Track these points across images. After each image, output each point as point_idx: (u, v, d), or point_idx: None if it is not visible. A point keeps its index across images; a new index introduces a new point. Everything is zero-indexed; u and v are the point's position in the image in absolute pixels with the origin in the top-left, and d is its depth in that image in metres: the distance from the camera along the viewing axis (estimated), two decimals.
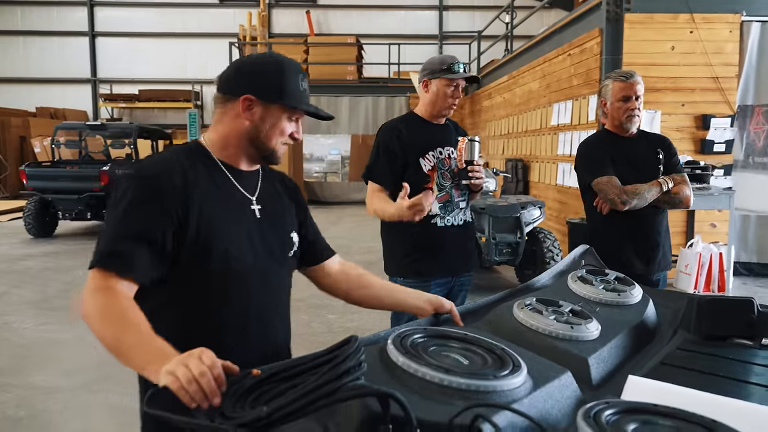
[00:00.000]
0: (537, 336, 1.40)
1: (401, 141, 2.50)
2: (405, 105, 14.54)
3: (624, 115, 2.73)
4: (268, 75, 1.43)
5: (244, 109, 1.41)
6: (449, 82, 2.48)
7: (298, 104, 1.44)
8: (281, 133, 1.45)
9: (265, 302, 1.48)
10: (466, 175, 2.46)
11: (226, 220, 1.41)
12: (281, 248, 1.53)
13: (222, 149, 1.47)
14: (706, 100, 6.05)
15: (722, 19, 5.99)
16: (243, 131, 1.44)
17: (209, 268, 1.37)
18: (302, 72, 1.49)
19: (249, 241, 1.44)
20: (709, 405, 1.06)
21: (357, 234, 9.62)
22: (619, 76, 2.75)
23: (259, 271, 1.46)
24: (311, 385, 0.87)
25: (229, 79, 1.46)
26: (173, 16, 17.81)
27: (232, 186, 1.46)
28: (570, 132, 6.97)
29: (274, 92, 1.42)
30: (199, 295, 1.38)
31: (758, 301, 1.60)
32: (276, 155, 1.49)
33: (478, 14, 17.47)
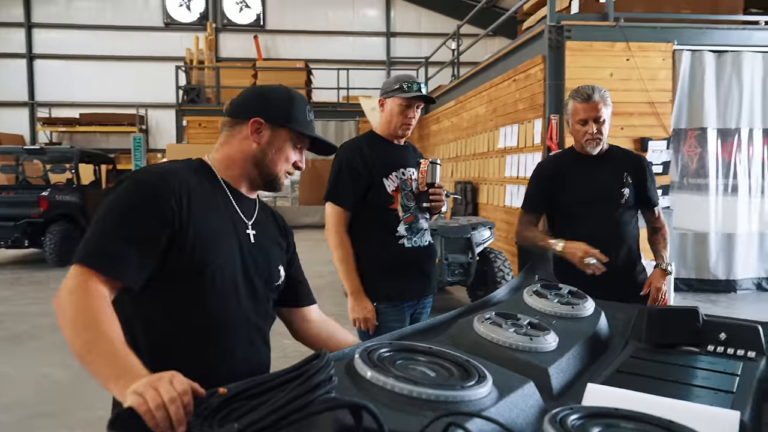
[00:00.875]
0: (498, 348, 1.43)
1: (364, 160, 2.45)
2: (354, 129, 14.66)
3: (583, 138, 2.54)
4: (278, 101, 1.48)
5: (252, 131, 1.45)
6: (402, 101, 2.45)
7: (304, 129, 1.50)
8: (286, 159, 1.50)
9: (253, 322, 1.47)
10: (427, 198, 2.46)
11: (222, 236, 1.41)
12: (270, 276, 1.53)
13: (225, 169, 1.49)
14: (643, 123, 6.35)
15: (656, 48, 6.34)
16: (250, 154, 1.47)
17: (202, 281, 1.35)
18: (309, 104, 1.55)
19: (242, 261, 1.44)
20: (663, 408, 1.11)
21: (309, 258, 9.51)
22: (577, 96, 2.53)
23: (250, 291, 1.45)
24: (283, 400, 0.87)
25: (240, 103, 1.51)
26: (116, 39, 17.46)
27: (232, 206, 1.47)
28: (516, 155, 7.17)
29: (283, 117, 1.47)
30: (187, 308, 1.36)
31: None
32: (279, 181, 1.52)
33: (425, 41, 17.88)
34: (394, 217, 2.47)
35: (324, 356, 0.97)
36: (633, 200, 2.59)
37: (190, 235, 1.33)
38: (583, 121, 2.52)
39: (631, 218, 2.64)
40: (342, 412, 0.91)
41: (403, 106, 2.46)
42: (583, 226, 2.55)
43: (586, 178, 2.58)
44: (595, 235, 2.48)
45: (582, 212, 2.57)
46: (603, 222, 2.56)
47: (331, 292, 7.08)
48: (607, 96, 2.53)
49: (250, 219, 1.51)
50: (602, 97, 2.51)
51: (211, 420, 0.93)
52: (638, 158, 2.71)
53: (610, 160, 2.61)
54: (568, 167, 2.64)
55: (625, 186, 2.57)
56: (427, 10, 18.11)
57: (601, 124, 2.52)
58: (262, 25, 17.88)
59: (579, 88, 2.55)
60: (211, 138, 13.97)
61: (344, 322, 5.84)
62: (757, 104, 6.60)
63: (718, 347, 1.60)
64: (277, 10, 17.92)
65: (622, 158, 2.64)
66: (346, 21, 18.10)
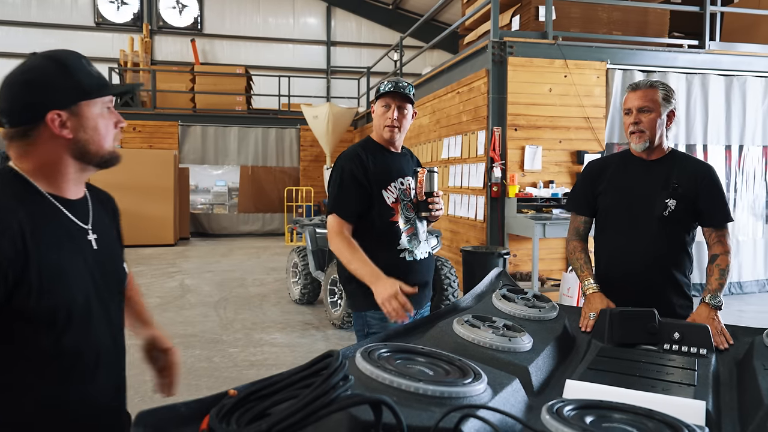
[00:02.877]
0: (478, 349, 1.50)
1: (366, 170, 2.36)
2: (296, 137, 14.58)
3: (627, 132, 2.28)
4: (55, 80, 1.26)
5: (56, 127, 1.25)
6: (381, 101, 2.41)
7: (103, 91, 1.31)
8: (107, 129, 1.33)
9: (112, 337, 1.40)
10: (426, 207, 2.40)
11: (67, 261, 1.27)
12: (118, 280, 1.45)
13: (45, 180, 1.29)
14: (579, 137, 6.68)
15: (591, 66, 6.69)
16: (66, 151, 1.29)
17: (55, 314, 1.24)
18: (83, 57, 1.33)
19: (91, 277, 1.33)
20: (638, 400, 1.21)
21: (249, 266, 9.41)
22: (629, 86, 2.31)
23: (103, 307, 1.37)
24: (308, 398, 0.90)
25: (12, 107, 1.25)
26: (43, 37, 16.63)
27: (66, 219, 1.31)
28: (460, 165, 7.36)
29: (74, 93, 1.27)
30: (47, 343, 1.25)
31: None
32: (115, 155, 1.37)
33: (365, 51, 18.02)
34: (396, 230, 2.41)
35: (339, 356, 1.01)
36: (683, 214, 2.21)
37: (35, 278, 1.20)
38: (627, 111, 2.26)
39: (680, 236, 2.26)
40: (358, 410, 0.95)
41: (382, 107, 2.41)
42: (616, 236, 2.31)
43: (628, 182, 2.30)
44: (625, 249, 2.26)
45: (616, 220, 2.31)
46: (637, 234, 2.25)
47: (276, 299, 7.02)
48: (662, 88, 2.23)
49: (87, 223, 1.37)
50: (653, 87, 2.23)
51: (228, 420, 0.95)
52: (702, 167, 2.28)
53: (663, 166, 2.27)
54: (614, 168, 2.36)
55: (671, 196, 2.21)
56: (368, 21, 18.27)
57: (643, 114, 2.21)
58: (200, 28, 17.49)
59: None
60: (145, 142, 13.55)
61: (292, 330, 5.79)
62: (681, 121, 7.06)
63: (673, 345, 1.74)
64: (215, 14, 17.59)
65: (680, 165, 2.26)
66: (287, 28, 18.00)
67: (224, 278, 8.32)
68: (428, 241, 2.56)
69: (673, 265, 2.26)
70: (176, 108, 14.07)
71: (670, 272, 2.25)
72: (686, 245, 2.28)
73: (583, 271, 2.31)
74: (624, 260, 2.28)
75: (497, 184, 6.46)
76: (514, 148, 6.53)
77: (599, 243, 2.40)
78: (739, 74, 7.17)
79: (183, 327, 5.64)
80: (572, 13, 7.17)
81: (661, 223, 2.23)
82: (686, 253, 2.28)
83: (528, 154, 6.54)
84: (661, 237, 2.24)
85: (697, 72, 7.05)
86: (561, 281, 6.07)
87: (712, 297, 2.09)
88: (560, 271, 6.43)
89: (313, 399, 0.89)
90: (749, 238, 7.41)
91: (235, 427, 0.92)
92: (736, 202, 7.35)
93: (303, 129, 14.26)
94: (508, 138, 6.50)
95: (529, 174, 6.58)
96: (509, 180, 6.45)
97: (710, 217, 2.25)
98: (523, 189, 6.47)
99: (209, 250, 11.67)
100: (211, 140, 14.19)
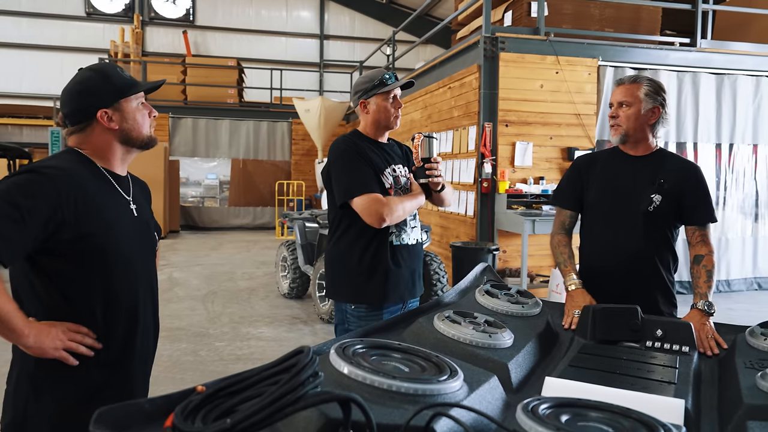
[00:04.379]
0: (458, 345, 1.48)
1: (364, 155, 2.37)
2: (287, 130, 14.51)
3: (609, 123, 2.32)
4: (99, 86, 1.63)
5: (105, 122, 1.62)
6: (386, 95, 2.42)
7: (136, 89, 1.67)
8: (143, 119, 1.69)
9: (149, 287, 1.74)
10: (423, 173, 2.37)
11: (115, 216, 1.62)
12: (153, 242, 1.81)
13: (100, 159, 1.66)
14: (570, 134, 6.67)
15: (582, 62, 6.68)
16: (114, 138, 1.66)
17: (103, 258, 1.56)
18: (116, 65, 1.74)
19: (135, 233, 1.68)
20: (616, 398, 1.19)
21: (239, 260, 9.37)
22: (617, 79, 2.33)
23: (143, 259, 1.72)
24: (275, 395, 0.87)
25: (73, 110, 1.63)
26: (33, 27, 16.45)
27: (115, 190, 1.67)
28: (451, 161, 7.34)
29: (114, 94, 1.63)
30: (92, 282, 1.56)
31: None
32: (153, 138, 1.73)
33: (358, 45, 17.96)
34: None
35: (309, 352, 0.98)
36: (667, 211, 2.21)
37: (87, 226, 1.52)
38: (610, 105, 2.30)
39: (664, 232, 2.25)
40: (327, 407, 0.93)
41: (390, 98, 2.44)
42: (601, 231, 2.30)
43: (614, 177, 2.29)
44: (609, 243, 2.26)
45: (601, 214, 2.31)
46: (622, 229, 2.24)
47: (264, 292, 6.98)
48: (647, 84, 2.23)
49: (129, 195, 1.72)
50: (635, 82, 2.24)
51: (194, 417, 0.92)
52: (688, 166, 2.29)
53: (650, 163, 2.27)
54: (602, 163, 2.36)
55: (657, 192, 2.21)
56: (361, 15, 18.21)
57: (622, 108, 2.24)
58: (192, 20, 17.36)
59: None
60: None
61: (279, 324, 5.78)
62: (671, 119, 7.06)
63: (655, 343, 1.72)
64: (208, 6, 17.46)
65: (667, 162, 2.27)
66: (280, 21, 17.90)
67: (213, 272, 8.28)
68: (417, 228, 2.53)
69: (657, 261, 2.23)
70: (167, 100, 13.94)
71: (654, 268, 2.23)
72: (670, 242, 2.26)
73: (567, 266, 2.29)
74: (608, 255, 2.26)
75: (488, 179, 6.45)
76: (504, 143, 6.52)
77: (584, 237, 2.39)
78: (730, 72, 7.18)
79: (170, 320, 5.60)
80: (564, 9, 7.15)
81: (646, 218, 2.21)
82: (670, 250, 2.27)
83: (519, 150, 6.52)
84: (645, 232, 2.21)
85: (688, 70, 7.05)
86: (550, 277, 6.07)
87: (705, 303, 2.03)
88: (549, 267, 6.43)
89: (280, 396, 0.87)
90: (738, 236, 7.44)
91: (201, 425, 0.90)
92: (726, 200, 7.38)
93: (295, 123, 14.20)
94: (499, 134, 6.48)
95: (519, 170, 6.57)
96: (499, 176, 6.44)
97: (694, 216, 2.23)
98: (513, 185, 6.46)
99: (199, 243, 11.61)
100: (202, 133, 14.10)
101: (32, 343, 1.44)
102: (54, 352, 1.47)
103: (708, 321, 1.95)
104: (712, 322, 1.95)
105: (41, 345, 1.45)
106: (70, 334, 1.51)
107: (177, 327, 5.40)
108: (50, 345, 1.46)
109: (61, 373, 1.53)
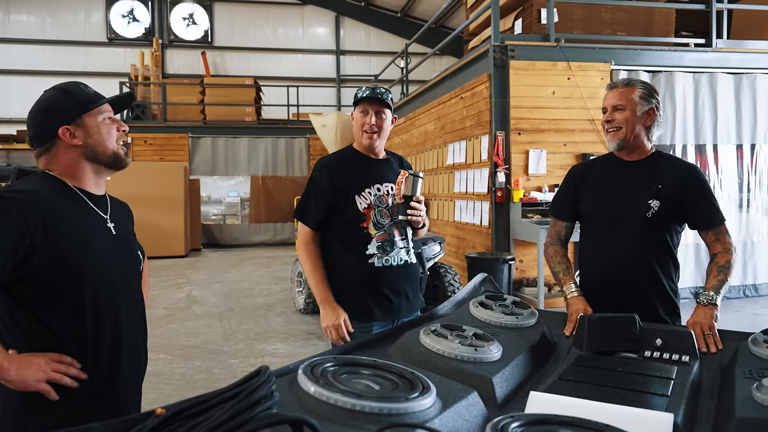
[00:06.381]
0: (443, 360, 1.44)
1: (332, 178, 2.37)
2: (305, 146, 14.61)
3: (603, 128, 2.26)
4: (60, 103, 1.61)
5: (68, 138, 1.60)
6: (359, 108, 2.40)
7: (98, 103, 1.64)
8: (109, 134, 1.65)
9: (132, 306, 1.70)
10: (404, 210, 2.34)
11: (89, 233, 1.59)
12: (135, 261, 1.77)
13: (71, 179, 1.63)
14: (584, 140, 6.58)
15: (594, 67, 6.60)
16: (80, 156, 1.62)
17: (80, 280, 1.53)
18: (80, 83, 1.70)
19: (111, 251, 1.65)
20: (601, 413, 1.14)
21: (257, 277, 9.40)
22: (607, 84, 2.30)
23: (124, 279, 1.67)
24: (222, 417, 0.85)
25: (36, 131, 1.62)
26: (58, 54, 16.90)
27: (90, 208, 1.64)
28: (465, 170, 7.29)
29: (76, 109, 1.61)
30: (72, 306, 1.53)
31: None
32: (121, 157, 1.69)
33: (374, 59, 18.05)
34: (365, 236, 2.36)
35: (264, 372, 0.95)
36: (666, 216, 2.14)
37: (61, 247, 1.49)
38: (603, 110, 2.24)
39: (664, 238, 2.17)
40: (285, 429, 0.90)
41: (360, 113, 2.40)
42: (599, 240, 2.23)
43: (611, 184, 2.23)
44: (607, 251, 2.19)
45: (599, 223, 2.24)
46: (620, 237, 2.17)
47: (281, 308, 6.98)
48: (641, 87, 2.18)
49: (106, 213, 1.69)
50: (629, 85, 2.18)
51: None
52: (686, 168, 2.21)
53: (646, 167, 2.20)
54: (598, 171, 2.30)
55: (654, 197, 2.14)
56: (376, 29, 18.31)
57: (618, 112, 2.17)
58: (210, 41, 17.65)
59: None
60: (156, 155, 13.66)
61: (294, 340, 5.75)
62: (689, 121, 6.93)
63: (654, 353, 1.66)
64: (225, 27, 17.75)
65: (663, 166, 2.19)
66: (296, 39, 18.09)
67: (232, 289, 8.32)
68: (407, 249, 2.47)
69: (657, 268, 2.16)
70: (186, 120, 14.17)
71: (654, 275, 2.16)
72: (671, 248, 2.18)
73: (566, 274, 2.23)
74: (607, 263, 2.19)
75: (501, 189, 6.38)
76: (518, 152, 6.45)
77: (583, 247, 2.32)
78: (748, 72, 7.02)
79: (186, 338, 5.62)
80: (575, 15, 7.08)
81: (644, 225, 2.14)
82: (671, 256, 2.19)
83: (532, 158, 6.45)
84: (644, 239, 2.14)
85: (704, 71, 6.91)
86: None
87: (705, 295, 1.97)
88: None
89: (227, 419, 0.85)
90: (764, 239, 7.22)
91: None
92: (750, 202, 7.17)
93: (312, 138, 14.28)
94: (512, 142, 6.42)
95: (533, 178, 6.49)
96: (513, 185, 6.36)
97: (701, 220, 2.16)
98: (527, 193, 6.38)
99: (220, 260, 11.69)
100: (221, 151, 14.26)
101: (14, 376, 1.40)
102: (37, 385, 1.43)
103: (709, 315, 1.87)
104: (716, 317, 1.87)
105: (23, 378, 1.41)
106: (54, 365, 1.47)
107: (192, 345, 5.41)
108: (33, 377, 1.42)
109: (46, 404, 1.49)
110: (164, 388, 4.26)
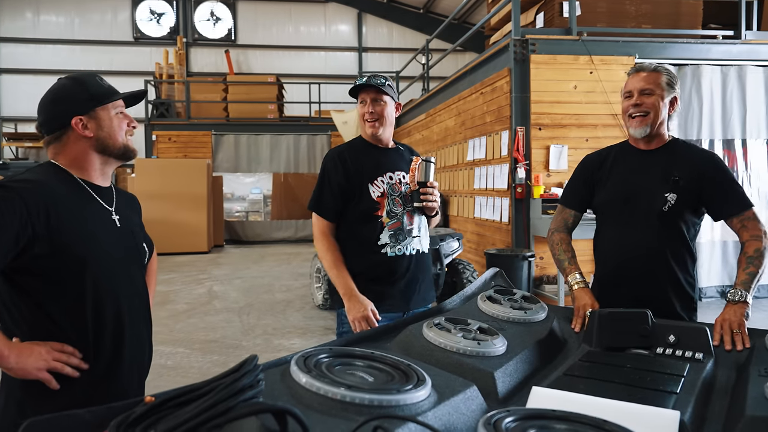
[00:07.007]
0: (445, 353, 1.41)
1: (346, 167, 2.36)
2: (327, 143, 14.64)
3: (626, 116, 2.12)
4: (74, 94, 1.62)
5: (80, 129, 1.61)
6: (359, 99, 2.41)
7: (112, 97, 1.66)
8: (119, 127, 1.67)
9: (136, 297, 1.70)
10: (418, 197, 2.34)
11: (92, 224, 1.59)
12: (140, 254, 1.77)
13: (78, 170, 1.64)
14: (607, 135, 6.45)
15: (618, 61, 6.47)
16: (90, 147, 1.64)
17: (83, 270, 1.54)
18: (96, 75, 1.71)
19: (115, 243, 1.65)
20: (603, 409, 1.10)
21: (278, 273, 9.45)
22: (630, 69, 2.17)
23: (126, 269, 1.67)
24: (205, 405, 0.83)
25: (47, 119, 1.63)
26: (85, 54, 17.20)
27: (94, 200, 1.65)
28: (485, 167, 7.22)
29: (90, 101, 1.62)
30: (74, 296, 1.54)
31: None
32: (130, 148, 1.71)
33: (396, 55, 18.00)
34: (378, 225, 2.35)
35: (251, 361, 0.94)
36: (683, 208, 2.05)
37: (63, 236, 1.50)
38: (628, 94, 2.11)
39: (680, 231, 2.08)
40: (269, 419, 0.88)
41: (359, 103, 2.40)
42: (612, 232, 2.16)
43: (626, 174, 2.15)
44: (623, 245, 2.11)
45: (613, 215, 2.16)
46: (636, 230, 2.09)
47: (300, 304, 7.00)
48: (666, 73, 2.08)
49: (111, 206, 1.69)
50: (656, 71, 2.08)
51: (133, 428, 0.89)
52: (704, 156, 2.11)
53: (663, 156, 2.11)
54: (613, 160, 2.21)
55: (671, 190, 2.05)
56: (398, 26, 18.26)
57: (646, 96, 2.06)
58: (234, 39, 17.81)
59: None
60: (180, 152, 13.82)
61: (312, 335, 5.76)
62: (717, 115, 6.75)
63: (667, 349, 1.61)
64: (248, 25, 17.88)
65: (680, 155, 2.10)
66: (318, 36, 18.15)
67: (252, 284, 8.37)
68: (421, 238, 2.45)
69: (674, 262, 2.08)
70: (210, 118, 14.30)
71: (671, 270, 2.08)
72: (688, 241, 2.10)
73: (571, 264, 2.18)
74: (622, 258, 2.13)
75: (521, 185, 6.30)
76: (538, 147, 6.36)
77: (598, 240, 2.26)
78: None
79: (205, 333, 5.67)
80: (598, 8, 6.94)
81: (660, 218, 2.06)
82: (688, 249, 2.10)
83: (553, 153, 6.35)
84: (660, 232, 2.07)
85: (733, 63, 6.73)
86: (590, 284, 5.85)
87: (734, 292, 1.85)
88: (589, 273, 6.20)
89: (209, 406, 0.83)
90: None
91: None
92: None
93: (334, 135, 14.29)
94: (533, 137, 6.33)
95: (554, 174, 6.39)
96: (534, 181, 6.27)
97: (723, 208, 2.05)
98: (548, 189, 6.29)
99: (242, 257, 11.78)
100: (243, 148, 14.37)
101: (14, 363, 1.40)
102: (37, 373, 1.43)
103: (739, 313, 1.76)
104: (747, 314, 1.78)
105: (24, 366, 1.41)
106: (55, 354, 1.47)
107: (211, 339, 5.45)
108: (33, 365, 1.42)
109: (47, 393, 1.49)
110: (181, 381, 4.29)
